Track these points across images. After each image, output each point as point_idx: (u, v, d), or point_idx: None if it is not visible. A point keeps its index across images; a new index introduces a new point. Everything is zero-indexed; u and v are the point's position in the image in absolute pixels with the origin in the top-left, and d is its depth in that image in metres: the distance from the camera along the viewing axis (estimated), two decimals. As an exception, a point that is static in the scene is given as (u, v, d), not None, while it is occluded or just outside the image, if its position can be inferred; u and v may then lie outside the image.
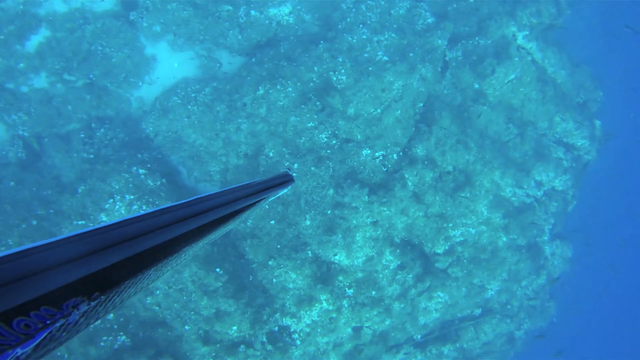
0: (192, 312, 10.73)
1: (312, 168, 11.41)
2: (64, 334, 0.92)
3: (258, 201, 1.57)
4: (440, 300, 13.15)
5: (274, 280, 11.32)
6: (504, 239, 13.54)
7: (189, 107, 11.80)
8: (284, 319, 11.44)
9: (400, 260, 12.13)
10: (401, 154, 12.12)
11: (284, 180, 1.87)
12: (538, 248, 15.27)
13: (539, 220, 14.68)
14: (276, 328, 11.42)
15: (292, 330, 11.51)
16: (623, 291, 32.74)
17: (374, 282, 11.86)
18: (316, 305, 11.41)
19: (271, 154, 11.67)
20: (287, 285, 11.36)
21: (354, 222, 11.53)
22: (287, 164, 11.48)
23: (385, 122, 11.91)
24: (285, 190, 1.95)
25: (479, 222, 13.08)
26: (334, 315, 11.59)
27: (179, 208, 1.18)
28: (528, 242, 14.61)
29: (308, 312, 11.44)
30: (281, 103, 11.50)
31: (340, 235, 11.39)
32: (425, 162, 12.09)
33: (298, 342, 11.40)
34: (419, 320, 13.35)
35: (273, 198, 1.94)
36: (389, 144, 11.93)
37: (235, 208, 1.41)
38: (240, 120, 11.62)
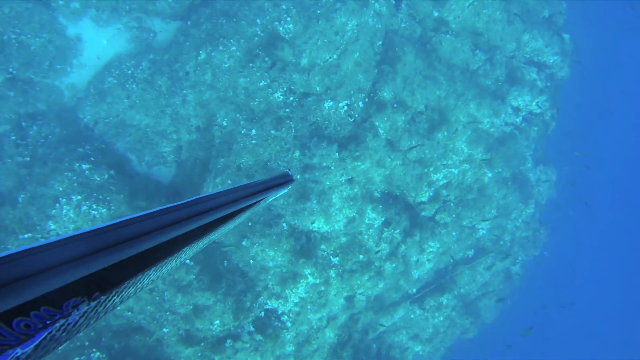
0: (167, 313, 9.80)
1: (272, 131, 10.36)
2: (64, 334, 0.91)
3: (258, 201, 1.56)
4: (432, 250, 12.44)
5: (251, 261, 10.38)
6: (489, 174, 12.80)
7: (127, 86, 10.81)
8: (269, 302, 10.55)
9: (384, 217, 11.27)
10: (367, 100, 11.11)
11: (284, 180, 1.86)
12: (523, 177, 14.65)
13: (522, 148, 13.97)
14: (262, 313, 10.53)
15: (280, 312, 10.64)
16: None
17: (360, 245, 11.01)
18: (301, 281, 10.53)
19: (225, 123, 10.65)
20: (267, 265, 10.44)
21: (328, 183, 10.56)
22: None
23: (344, 67, 10.83)
24: (285, 190, 1.93)
25: (460, 160, 12.28)
26: (323, 288, 10.74)
27: (179, 208, 1.16)
28: (513, 173, 13.94)
29: (294, 290, 10.56)
30: (226, 65, 10.53)
31: (315, 201, 10.42)
32: (395, 105, 11.12)
33: (289, 324, 10.55)
34: (413, 274, 12.65)
35: (273, 198, 1.91)
36: (352, 92, 10.89)
37: (235, 208, 1.37)
38: (185, 91, 10.69)
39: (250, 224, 10.34)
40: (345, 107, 10.84)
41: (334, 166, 10.54)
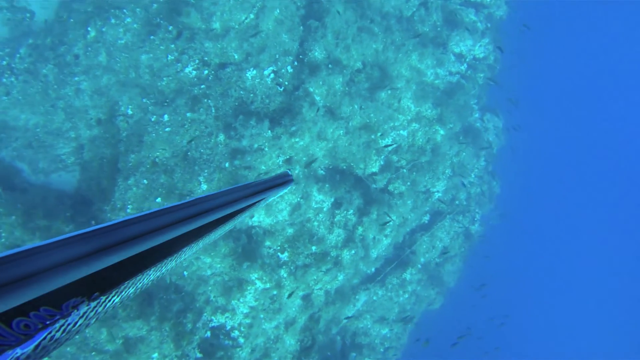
0: (93, 353, 8.27)
1: (188, 114, 8.88)
2: (63, 334, 0.90)
3: (258, 201, 1.54)
4: (389, 224, 11.29)
5: (185, 273, 8.96)
6: (442, 131, 11.74)
7: (4, 80, 9.24)
8: (214, 318, 9.16)
9: (334, 197, 10.00)
10: (296, 64, 9.73)
11: (284, 180, 1.77)
12: (473, 129, 13.74)
13: (470, 98, 13.00)
14: (208, 334, 9.12)
15: (228, 328, 9.25)
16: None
17: (310, 234, 9.71)
18: (249, 288, 9.19)
19: (130, 111, 9.22)
20: (204, 274, 9.04)
21: (263, 167, 9.15)
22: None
23: (264, 28, 9.33)
24: (285, 190, 1.82)
25: (408, 120, 11.15)
26: (275, 292, 9.42)
27: (179, 209, 1.14)
28: (463, 126, 12.96)
29: (241, 300, 9.19)
30: (123, 41, 9.17)
31: (251, 191, 8.95)
32: (329, 65, 9.75)
33: (241, 340, 9.19)
34: (371, 254, 11.51)
35: (272, 198, 1.79)
36: (277, 56, 9.45)
37: (234, 209, 1.37)
38: (77, 78, 9.25)
39: (177, 229, 8.78)
40: (272, 75, 9.37)
41: (268, 146, 9.11)
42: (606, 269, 39.42)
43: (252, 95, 9.19)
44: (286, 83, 9.48)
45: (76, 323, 0.93)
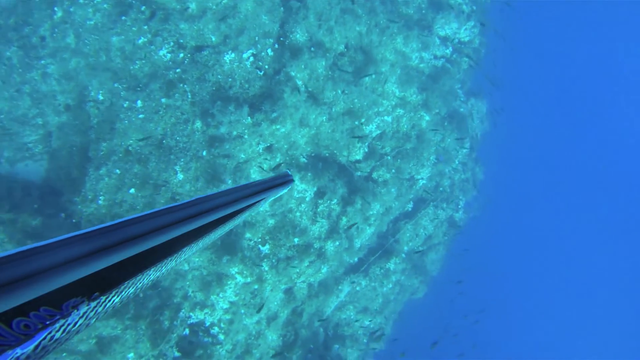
0: (64, 354, 7.93)
1: (163, 100, 8.44)
2: (63, 334, 0.91)
3: (258, 201, 1.56)
4: (373, 213, 11.01)
5: (161, 267, 8.42)
6: (427, 117, 11.46)
7: None
8: (192, 315, 8.78)
9: (316, 186, 9.66)
10: (277, 46, 9.29)
11: (284, 180, 1.80)
12: (458, 114, 13.48)
13: (455, 83, 12.73)
14: (187, 331, 8.74)
15: (208, 324, 8.88)
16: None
17: (293, 225, 9.38)
18: (229, 282, 8.84)
19: (101, 97, 8.68)
20: (182, 269, 8.60)
21: (242, 156, 8.76)
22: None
23: (243, 9, 8.88)
24: (285, 191, 1.85)
25: (393, 105, 10.82)
26: (256, 286, 9.08)
27: (180, 209, 1.15)
28: (448, 112, 12.70)
29: (221, 295, 8.83)
30: (92, 22, 8.62)
31: (229, 181, 8.58)
32: (312, 48, 9.36)
33: (221, 336, 8.83)
34: (355, 244, 11.22)
35: (272, 198, 1.82)
36: (256, 38, 9.01)
37: (235, 209, 1.38)
38: (43, 61, 8.76)
39: (152, 221, 8.38)
40: (251, 58, 8.93)
41: (248, 134, 8.72)
42: (590, 259, 39.68)
43: (230, 79, 8.76)
44: (266, 67, 9.06)
45: (76, 323, 0.92)
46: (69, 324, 0.88)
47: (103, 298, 0.95)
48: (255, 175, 8.90)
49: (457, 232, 15.41)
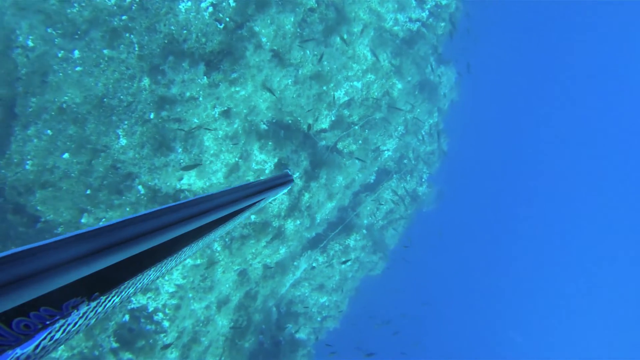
0: None
1: (105, 51, 7.37)
2: (63, 334, 0.91)
3: (258, 201, 1.54)
4: (336, 185, 10.31)
5: (98, 245, 7.49)
6: (399, 85, 10.73)
7: None
8: (134, 299, 7.85)
9: (277, 156, 8.83)
10: (240, -4, 8.20)
11: (284, 180, 1.79)
12: (429, 82, 12.80)
13: (429, 49, 11.98)
14: (126, 317, 7.82)
15: (151, 310, 8.02)
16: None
17: (251, 199, 8.52)
18: (176, 264, 7.90)
19: (31, 43, 7.45)
20: (122, 246, 7.62)
21: (195, 120, 7.84)
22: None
23: (202, -51, 7.76)
24: (285, 191, 1.84)
25: (363, 70, 10.01)
26: (207, 268, 8.20)
27: (180, 209, 1.13)
28: (420, 80, 11.99)
29: (167, 277, 7.97)
30: None
31: (180, 149, 7.66)
32: (279, 1, 8.32)
33: (166, 323, 8.02)
34: (316, 218, 10.52)
35: (272, 198, 1.77)
36: (217, -15, 7.93)
37: (235, 208, 1.37)
38: None
39: (89, 191, 7.37)
40: (210, 8, 7.88)
41: (203, 96, 7.76)
42: (555, 234, 39.67)
43: (185, 32, 7.70)
44: (227, 19, 8.02)
45: (76, 323, 0.92)
46: (69, 324, 0.87)
47: (103, 298, 0.94)
48: (209, 143, 7.98)
49: (420, 206, 14.96)
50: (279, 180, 1.72)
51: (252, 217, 8.54)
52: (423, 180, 14.69)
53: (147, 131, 7.54)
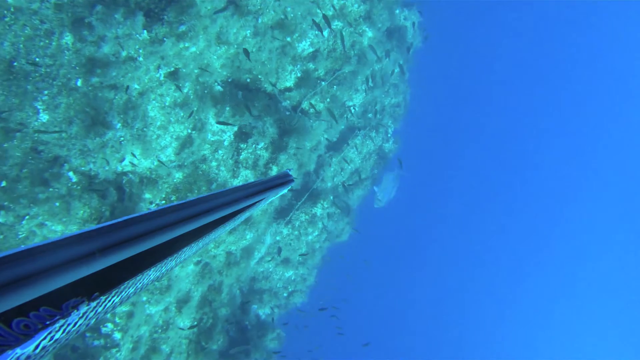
0: None
1: (11, 0, 5.76)
2: (63, 334, 0.91)
3: (258, 201, 1.56)
4: (305, 152, 9.13)
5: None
6: (370, 33, 9.48)
7: None
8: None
9: (237, 124, 7.50)
10: None
11: (284, 180, 1.83)
12: (398, 29, 11.58)
13: (398, -11, 10.72)
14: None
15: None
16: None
17: (208, 179, 7.31)
18: (123, 264, 6.61)
19: None
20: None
21: (137, 86, 6.41)
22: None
23: None
24: (285, 191, 1.87)
25: (330, 17, 8.67)
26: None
27: (180, 209, 1.16)
28: (389, 28, 10.76)
29: (113, 282, 6.63)
30: None
31: (118, 123, 6.24)
32: None
33: (117, 335, 6.77)
34: (286, 195, 9.35)
35: (272, 198, 1.81)
36: None
37: (235, 208, 1.40)
38: None
39: (4, 183, 5.89)
40: (147, -58, 6.29)
41: (144, 55, 6.32)
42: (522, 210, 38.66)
43: (115, -28, 6.15)
44: (168, -44, 6.48)
45: (76, 323, 0.93)
46: (69, 324, 0.87)
47: (103, 298, 0.95)
48: (154, 113, 6.58)
49: (387, 164, 13.96)
50: (279, 180, 1.74)
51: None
52: (389, 135, 13.65)
53: (76, 102, 6.05)
